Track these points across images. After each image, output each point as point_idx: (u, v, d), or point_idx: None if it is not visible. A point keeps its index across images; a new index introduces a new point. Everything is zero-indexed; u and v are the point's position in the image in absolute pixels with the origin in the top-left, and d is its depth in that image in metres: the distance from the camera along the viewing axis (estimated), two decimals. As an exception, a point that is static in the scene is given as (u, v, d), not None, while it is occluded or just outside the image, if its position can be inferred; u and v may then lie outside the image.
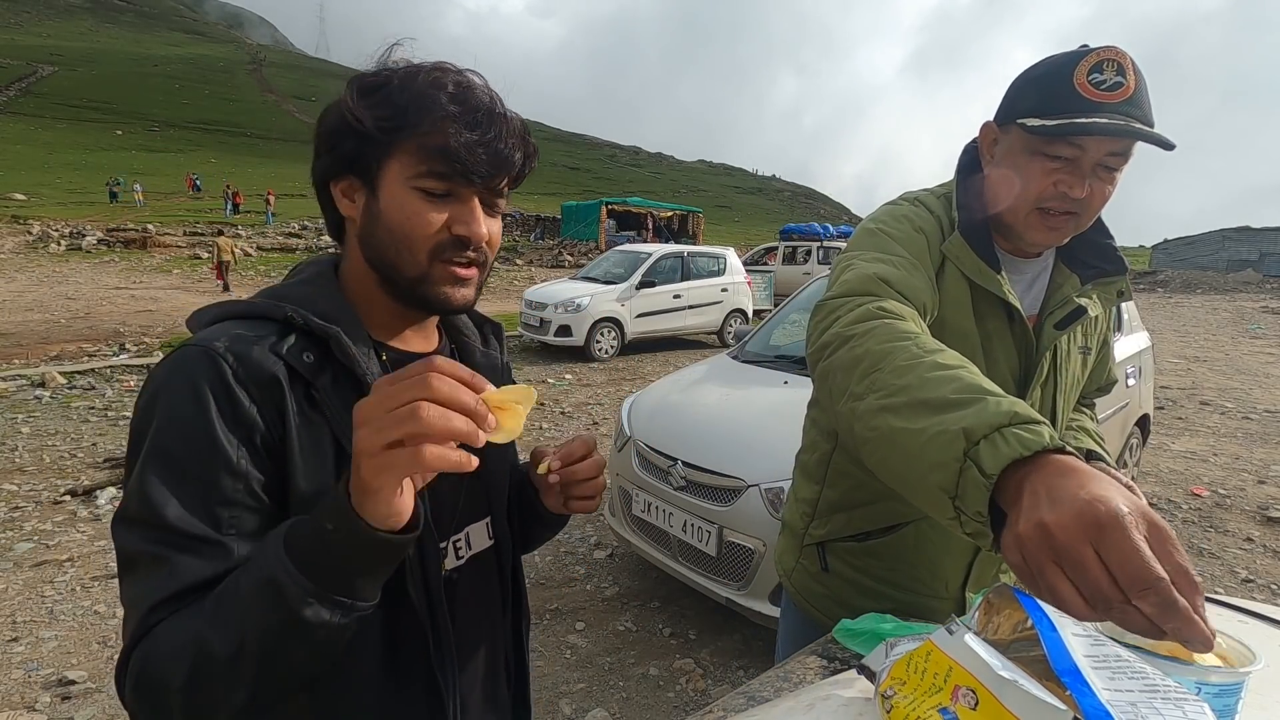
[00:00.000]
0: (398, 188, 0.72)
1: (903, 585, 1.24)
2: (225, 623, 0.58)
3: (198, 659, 0.58)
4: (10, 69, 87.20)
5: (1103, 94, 0.94)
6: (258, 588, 0.58)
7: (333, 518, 0.58)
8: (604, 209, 24.83)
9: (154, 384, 0.67)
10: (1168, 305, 20.67)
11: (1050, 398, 1.17)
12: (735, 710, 0.82)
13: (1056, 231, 1.05)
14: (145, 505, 0.62)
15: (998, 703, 0.55)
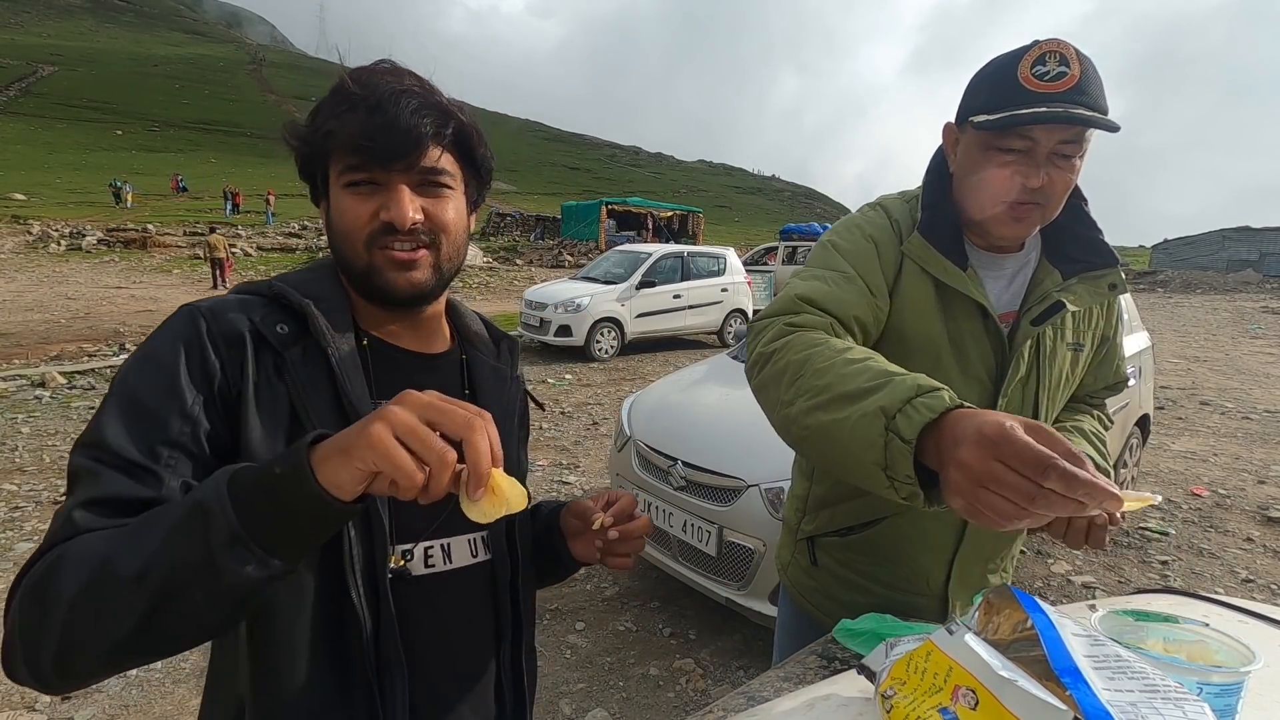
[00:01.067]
0: (334, 190, 0.77)
1: (885, 581, 1.26)
2: (139, 546, 0.57)
3: (98, 573, 0.56)
4: (10, 69, 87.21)
5: (1046, 85, 0.97)
6: (186, 511, 0.57)
7: (284, 462, 0.57)
8: (604, 209, 24.82)
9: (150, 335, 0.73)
10: (1168, 305, 20.67)
11: (1032, 395, 1.16)
12: (735, 710, 0.82)
13: (1023, 222, 1.06)
14: (95, 429, 0.66)
15: (998, 703, 0.55)
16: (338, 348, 0.75)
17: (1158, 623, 0.74)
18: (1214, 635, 0.70)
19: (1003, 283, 1.16)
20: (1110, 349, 1.29)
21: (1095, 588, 3.60)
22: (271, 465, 0.57)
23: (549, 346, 9.75)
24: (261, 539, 0.56)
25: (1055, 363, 1.17)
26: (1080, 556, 3.95)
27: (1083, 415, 1.29)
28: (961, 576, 1.25)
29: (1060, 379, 1.19)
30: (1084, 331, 1.21)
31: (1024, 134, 1.00)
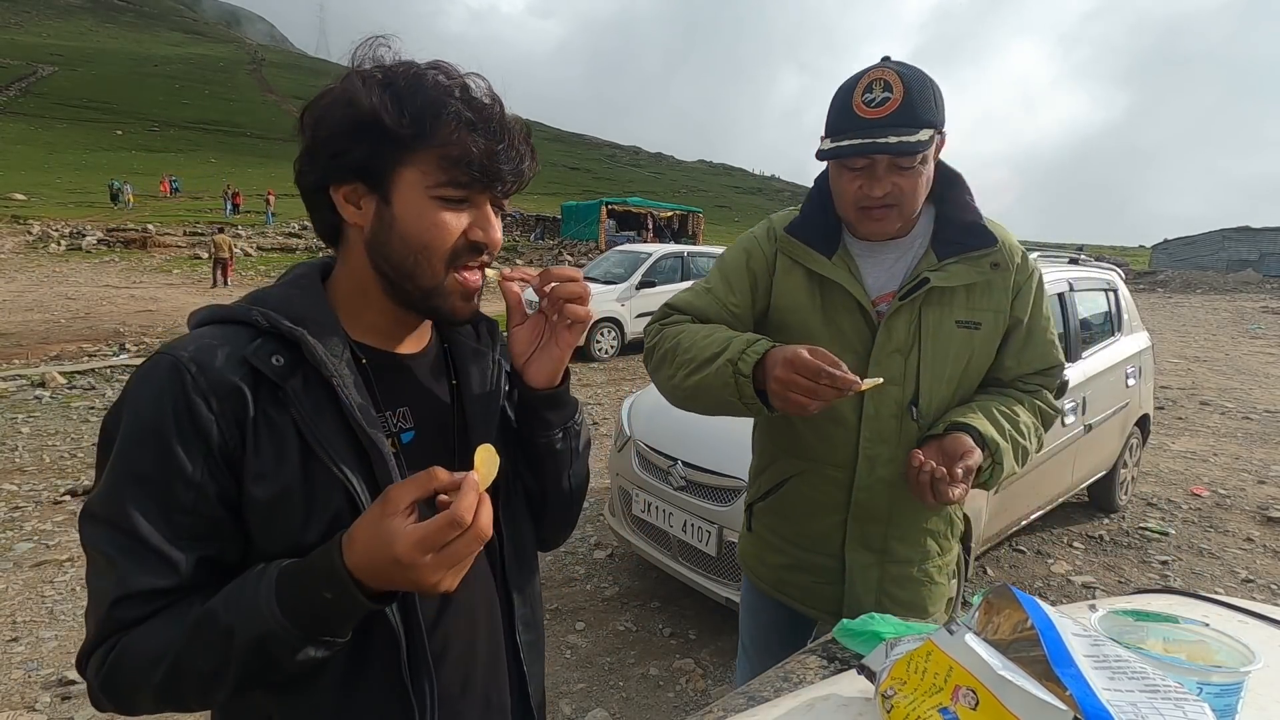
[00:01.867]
0: (415, 195, 0.72)
1: (794, 539, 1.44)
2: (208, 647, 0.64)
3: (175, 669, 0.64)
4: (10, 69, 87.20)
5: (872, 111, 1.17)
6: (256, 638, 0.63)
7: (332, 587, 0.63)
8: (604, 209, 24.81)
9: (127, 389, 0.70)
10: (1168, 305, 20.67)
11: (914, 366, 1.28)
12: (735, 710, 0.82)
13: (881, 222, 1.26)
14: (108, 506, 0.67)
15: (998, 703, 0.55)
16: (339, 374, 0.72)
17: (1158, 623, 0.74)
18: (1214, 635, 0.70)
19: (883, 268, 1.32)
20: (1030, 332, 1.36)
21: (1095, 588, 3.60)
22: (320, 591, 0.64)
23: (549, 346, 9.75)
24: (326, 636, 0.66)
25: (940, 339, 1.28)
26: (1080, 557, 3.95)
27: (1008, 398, 1.34)
28: (858, 536, 1.36)
29: (948, 354, 1.29)
30: (980, 310, 1.30)
31: (861, 154, 1.19)
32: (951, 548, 1.44)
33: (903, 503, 1.32)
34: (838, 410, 1.29)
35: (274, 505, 0.69)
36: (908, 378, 1.28)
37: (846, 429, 1.32)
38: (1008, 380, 1.37)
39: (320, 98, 0.74)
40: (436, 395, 0.85)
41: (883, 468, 1.31)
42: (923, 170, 1.22)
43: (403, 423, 0.79)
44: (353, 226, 0.76)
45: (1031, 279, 1.35)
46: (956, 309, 1.29)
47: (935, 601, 1.42)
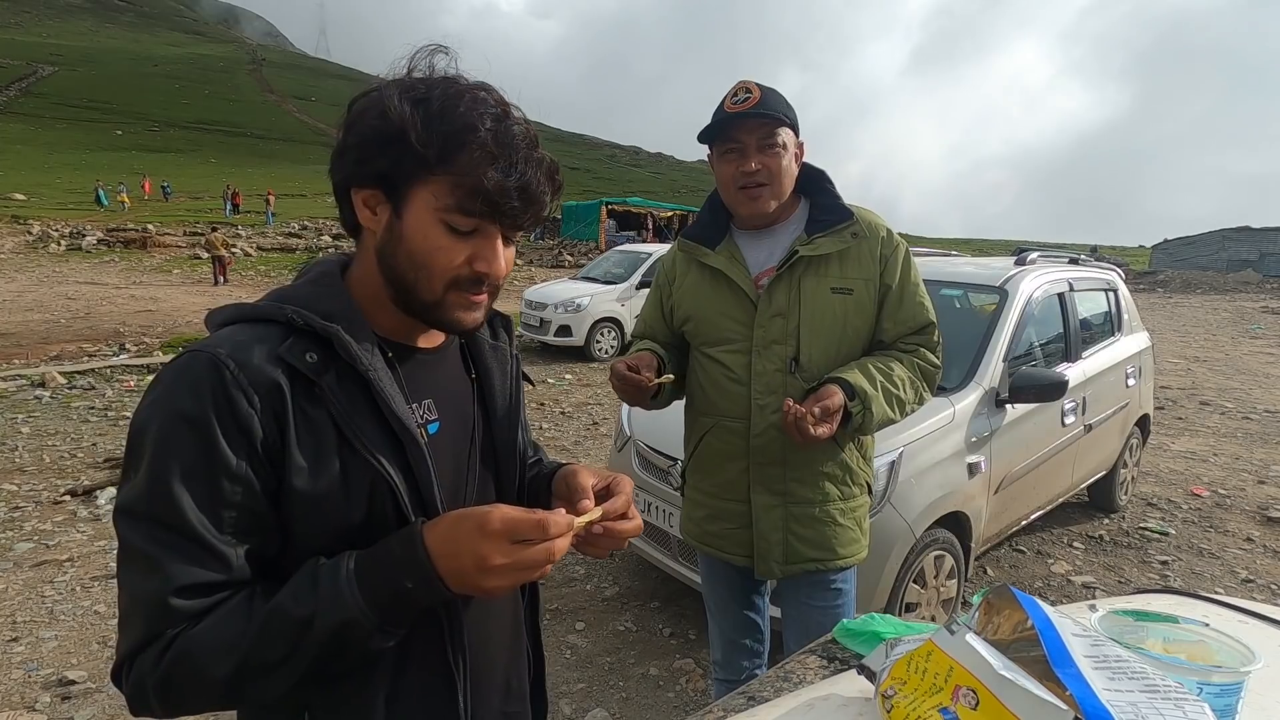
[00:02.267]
0: (425, 215, 0.72)
1: (711, 491, 1.70)
2: (282, 638, 0.65)
3: (246, 661, 0.65)
4: (10, 69, 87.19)
5: (738, 106, 1.49)
6: (336, 626, 0.65)
7: (414, 576, 0.67)
8: (604, 209, 24.82)
9: (160, 386, 0.69)
10: (1168, 305, 20.67)
11: (794, 328, 1.54)
12: (735, 710, 0.82)
13: (755, 200, 1.54)
14: (152, 502, 0.66)
15: (998, 703, 0.55)
16: (373, 367, 0.74)
17: (1158, 623, 0.74)
18: (1214, 635, 0.70)
19: (764, 250, 1.60)
20: (900, 296, 1.59)
21: (1095, 588, 3.60)
22: (402, 581, 0.67)
23: (549, 346, 9.75)
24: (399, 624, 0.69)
25: (816, 302, 1.54)
26: (1080, 556, 3.95)
27: (887, 356, 1.58)
28: (760, 480, 1.60)
29: (825, 316, 1.55)
30: (851, 279, 1.56)
31: (728, 138, 1.52)
32: (855, 494, 1.66)
33: (795, 448, 1.55)
34: (734, 370, 1.60)
35: (314, 498, 0.71)
36: (788, 337, 1.55)
37: (740, 384, 1.59)
38: (889, 342, 1.61)
39: (357, 99, 0.75)
40: (458, 389, 0.88)
41: (773, 415, 1.55)
42: (784, 154, 1.52)
43: (428, 414, 0.81)
44: (367, 229, 0.78)
45: (898, 250, 1.60)
46: (830, 278, 1.55)
47: (845, 545, 1.64)
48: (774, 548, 1.62)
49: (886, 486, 2.51)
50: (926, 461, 2.63)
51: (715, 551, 1.73)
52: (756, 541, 1.63)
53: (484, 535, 0.65)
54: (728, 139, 1.52)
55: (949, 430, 2.74)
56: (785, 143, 1.52)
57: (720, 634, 1.89)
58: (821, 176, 1.64)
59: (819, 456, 1.59)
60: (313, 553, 0.71)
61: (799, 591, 1.70)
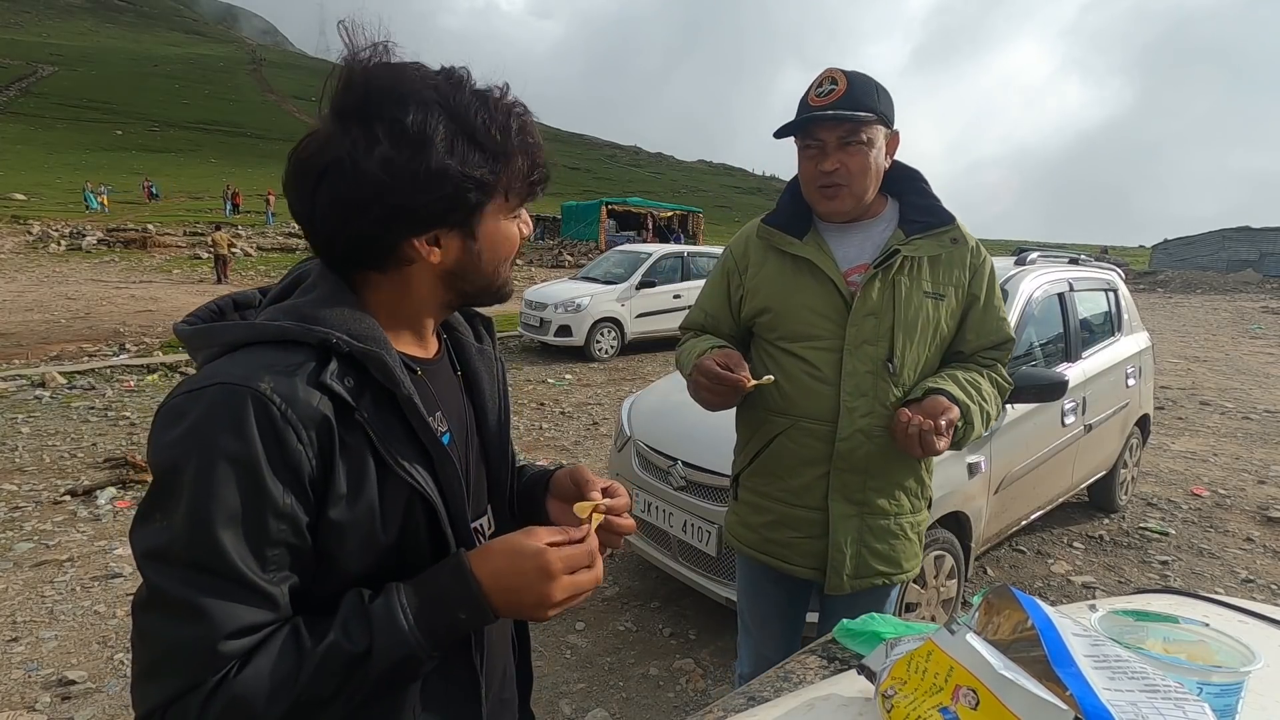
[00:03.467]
0: (498, 225, 0.79)
1: (780, 497, 1.58)
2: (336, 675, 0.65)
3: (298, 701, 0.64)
4: (10, 69, 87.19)
5: (823, 99, 1.40)
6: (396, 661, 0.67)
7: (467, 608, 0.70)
8: (604, 209, 24.82)
9: (191, 420, 0.64)
10: (1168, 305, 20.67)
11: (887, 328, 1.47)
12: (735, 710, 0.82)
13: (834, 200, 1.47)
14: (193, 548, 0.62)
15: (999, 702, 0.55)
16: (410, 389, 0.73)
17: (1158, 623, 0.74)
18: (1214, 635, 0.70)
19: (852, 245, 1.52)
20: (984, 309, 1.56)
21: (1095, 588, 3.59)
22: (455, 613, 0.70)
23: (549, 346, 9.75)
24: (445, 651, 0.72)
25: (911, 305, 1.47)
26: (1080, 556, 3.95)
27: (970, 369, 1.54)
28: (840, 487, 1.51)
29: (918, 319, 1.48)
30: (944, 284, 1.51)
31: (809, 134, 1.43)
32: (922, 508, 1.61)
33: (879, 455, 1.49)
34: (820, 369, 1.50)
35: (352, 524, 0.70)
36: (881, 338, 1.47)
37: (828, 385, 1.50)
38: (968, 353, 1.57)
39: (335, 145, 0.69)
40: (455, 395, 0.88)
41: (861, 419, 1.47)
42: (868, 151, 1.42)
43: (440, 425, 0.81)
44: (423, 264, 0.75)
45: (985, 263, 1.56)
46: (924, 280, 1.49)
47: (909, 559, 1.59)
48: (847, 560, 1.53)
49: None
50: (926, 461, 2.63)
51: (776, 562, 1.61)
52: (831, 553, 1.53)
53: (547, 577, 0.70)
54: (808, 135, 1.43)
55: (949, 430, 2.74)
56: (870, 139, 1.41)
57: (753, 649, 1.79)
58: (916, 176, 1.57)
59: (899, 467, 1.53)
60: (343, 575, 0.70)
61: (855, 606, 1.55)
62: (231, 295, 0.80)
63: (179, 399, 0.66)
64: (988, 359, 1.57)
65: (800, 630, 1.79)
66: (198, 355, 0.72)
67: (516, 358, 9.69)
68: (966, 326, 1.55)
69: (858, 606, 1.53)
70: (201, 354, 0.71)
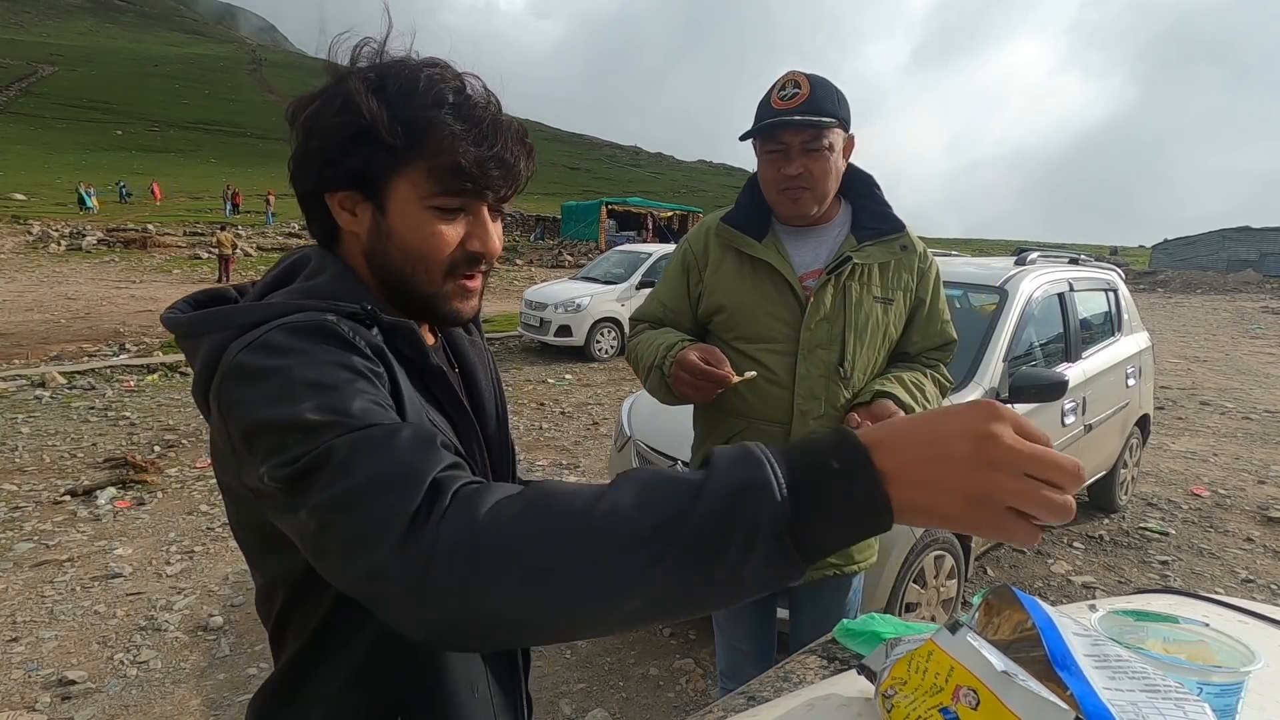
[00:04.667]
0: (410, 207, 0.71)
1: None
2: (659, 502, 0.48)
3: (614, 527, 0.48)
4: (10, 69, 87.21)
5: (786, 103, 1.41)
6: (735, 488, 0.47)
7: (841, 456, 0.48)
8: (604, 209, 24.82)
9: (278, 346, 0.61)
10: (1168, 305, 20.67)
11: (839, 332, 1.51)
12: (735, 710, 0.82)
13: (796, 202, 1.48)
14: (328, 410, 0.56)
15: (999, 703, 0.55)
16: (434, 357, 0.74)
17: (1158, 623, 0.74)
18: (1214, 635, 0.70)
19: (808, 249, 1.55)
20: (930, 313, 1.61)
21: (1095, 588, 3.59)
22: (825, 455, 0.48)
23: (549, 346, 9.75)
24: (802, 534, 0.47)
25: (862, 310, 1.52)
26: (1080, 557, 3.95)
27: (915, 370, 1.59)
28: None
29: (868, 323, 1.53)
30: (893, 289, 1.56)
31: (776, 139, 1.44)
32: None
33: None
34: (775, 371, 1.53)
35: None
36: (833, 342, 1.51)
37: (782, 388, 1.53)
38: (913, 354, 1.63)
39: (312, 99, 0.71)
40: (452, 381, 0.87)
41: (814, 421, 1.52)
42: (830, 156, 1.45)
43: None
44: (349, 233, 0.75)
45: (932, 269, 1.62)
46: (874, 286, 1.54)
47: (861, 550, 1.66)
48: None
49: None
50: (926, 461, 2.63)
51: None
52: None
53: (992, 415, 0.46)
54: (772, 139, 1.45)
55: (949, 430, 2.74)
56: (832, 143, 1.44)
57: (727, 643, 1.86)
58: (869, 180, 1.60)
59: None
60: None
61: (818, 597, 1.72)
62: (207, 290, 0.78)
63: (243, 353, 0.61)
64: (931, 359, 1.64)
65: (772, 622, 1.85)
66: (202, 341, 0.66)
67: (516, 358, 9.69)
68: (913, 329, 1.61)
69: (821, 598, 1.70)
70: (208, 340, 0.66)
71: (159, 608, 3.18)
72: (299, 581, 0.70)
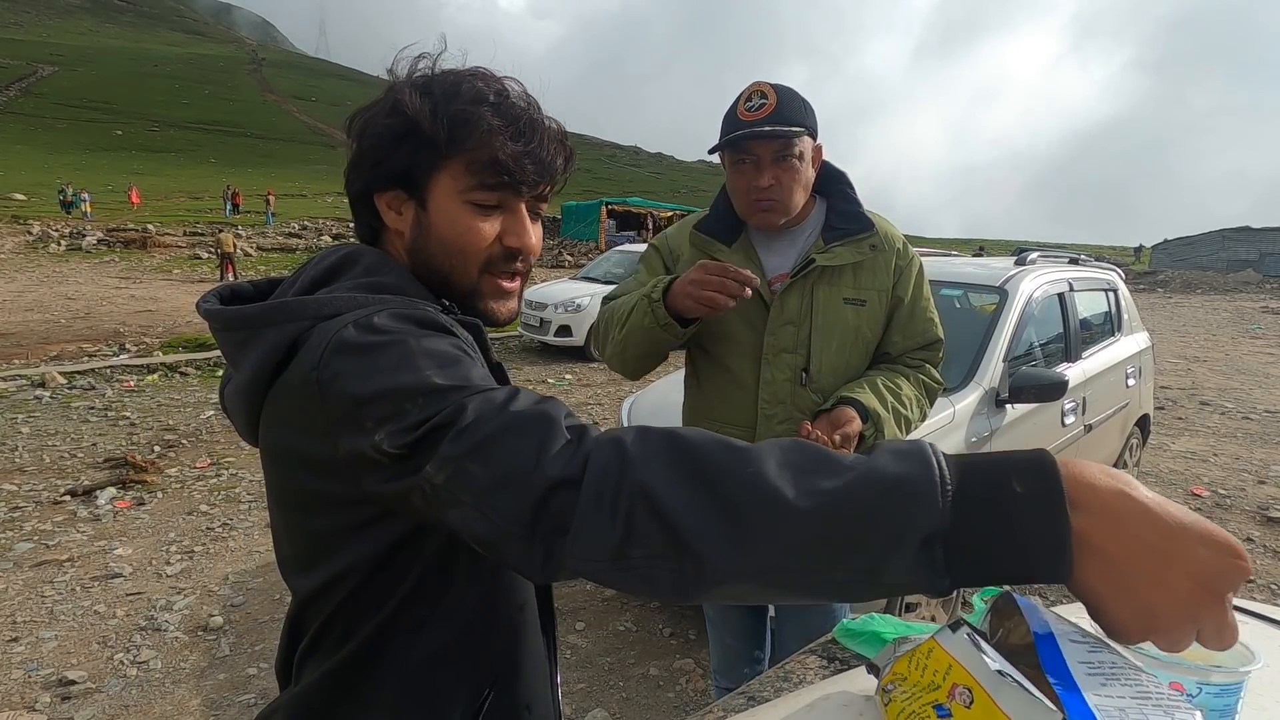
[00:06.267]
0: (449, 202, 0.74)
1: None
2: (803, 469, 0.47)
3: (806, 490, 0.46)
4: (10, 69, 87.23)
5: (753, 114, 1.40)
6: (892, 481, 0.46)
7: (1027, 480, 0.44)
8: (604, 209, 24.82)
9: (385, 325, 0.62)
10: (1168, 305, 20.67)
11: (805, 336, 1.50)
12: (735, 710, 0.83)
13: (768, 213, 1.47)
14: (452, 376, 0.58)
15: (992, 702, 0.55)
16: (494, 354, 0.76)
17: (1157, 623, 0.73)
18: (1213, 635, 0.70)
19: (779, 253, 1.55)
20: (910, 310, 1.57)
21: (1095, 588, 3.59)
22: (1008, 474, 0.45)
23: (549, 346, 9.75)
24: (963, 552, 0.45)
25: (829, 312, 1.50)
26: (1080, 556, 3.95)
27: (895, 373, 1.55)
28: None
29: (836, 326, 1.50)
30: (865, 289, 1.53)
31: (746, 150, 1.42)
32: None
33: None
34: (739, 375, 1.53)
35: None
36: (799, 346, 1.50)
37: (746, 392, 1.53)
38: (895, 355, 1.58)
39: (368, 108, 0.76)
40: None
41: (779, 425, 1.51)
42: (799, 167, 1.44)
43: None
44: (394, 232, 0.78)
45: (912, 264, 1.57)
46: (844, 287, 1.51)
47: None
48: None
49: (886, 486, 2.51)
50: (926, 461, 2.63)
51: None
52: None
53: (1236, 575, 0.42)
54: (742, 150, 1.44)
55: (949, 430, 2.74)
56: (802, 152, 1.44)
57: (719, 640, 1.86)
58: (841, 179, 1.58)
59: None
60: None
61: None
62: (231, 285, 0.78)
63: (349, 329, 0.62)
64: (915, 360, 1.59)
65: (763, 618, 1.85)
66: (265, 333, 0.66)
67: (516, 358, 9.69)
68: (892, 328, 1.57)
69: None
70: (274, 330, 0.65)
71: (159, 608, 3.18)
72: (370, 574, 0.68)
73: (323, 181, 43.97)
